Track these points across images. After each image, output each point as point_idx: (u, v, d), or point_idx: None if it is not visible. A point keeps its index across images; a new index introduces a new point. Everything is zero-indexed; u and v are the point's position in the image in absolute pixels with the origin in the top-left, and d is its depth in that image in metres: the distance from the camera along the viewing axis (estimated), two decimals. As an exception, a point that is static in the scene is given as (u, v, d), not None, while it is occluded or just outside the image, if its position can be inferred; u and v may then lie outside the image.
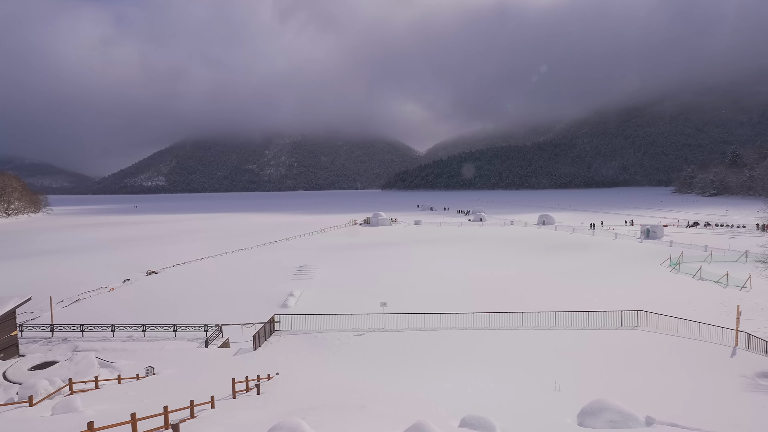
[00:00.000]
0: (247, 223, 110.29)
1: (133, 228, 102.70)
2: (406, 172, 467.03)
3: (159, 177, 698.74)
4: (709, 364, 20.41)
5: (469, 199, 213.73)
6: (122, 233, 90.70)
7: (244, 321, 27.78)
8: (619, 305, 27.69)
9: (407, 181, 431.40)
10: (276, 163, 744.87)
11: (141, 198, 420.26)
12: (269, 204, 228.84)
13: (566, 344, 23.11)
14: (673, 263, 43.24)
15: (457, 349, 22.99)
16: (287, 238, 73.23)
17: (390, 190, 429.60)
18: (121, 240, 77.66)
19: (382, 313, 26.88)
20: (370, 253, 55.75)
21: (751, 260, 41.30)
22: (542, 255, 51.62)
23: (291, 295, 34.55)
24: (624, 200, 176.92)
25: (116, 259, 55.43)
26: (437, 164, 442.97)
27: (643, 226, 68.65)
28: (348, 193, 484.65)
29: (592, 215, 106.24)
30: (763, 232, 62.91)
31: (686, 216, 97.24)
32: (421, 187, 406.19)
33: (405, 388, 17.41)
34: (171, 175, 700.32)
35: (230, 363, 21.51)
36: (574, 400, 14.51)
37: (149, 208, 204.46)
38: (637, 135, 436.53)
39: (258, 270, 46.27)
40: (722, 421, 11.87)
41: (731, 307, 26.92)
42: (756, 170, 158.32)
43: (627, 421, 12.06)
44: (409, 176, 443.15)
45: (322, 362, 21.67)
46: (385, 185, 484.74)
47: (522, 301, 30.49)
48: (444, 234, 76.44)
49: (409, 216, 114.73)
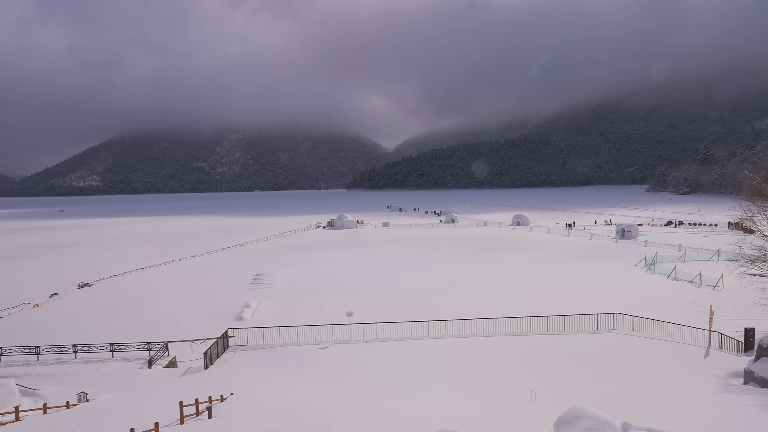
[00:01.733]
0: (196, 227, 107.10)
1: (59, 234, 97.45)
2: (373, 171, 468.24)
3: (93, 176, 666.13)
4: (684, 365, 21.62)
5: (440, 199, 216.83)
6: (47, 241, 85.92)
7: (193, 337, 26.93)
8: (595, 308, 28.84)
9: (374, 180, 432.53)
10: (229, 161, 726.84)
11: (71, 200, 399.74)
12: (222, 206, 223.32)
13: (542, 350, 23.84)
14: (648, 263, 45.53)
15: (429, 359, 23.22)
16: (242, 243, 71.68)
17: (356, 190, 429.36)
18: (45, 249, 73.52)
19: (348, 324, 26.78)
20: (335, 259, 55.47)
21: (723, 259, 44.15)
22: (517, 257, 53.06)
23: (247, 306, 33.84)
24: (599, 199, 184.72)
25: (41, 271, 52.44)
26: (406, 162, 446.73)
27: (619, 225, 71.93)
28: (310, 193, 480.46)
29: (567, 215, 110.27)
30: (735, 231, 67.34)
31: (660, 215, 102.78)
32: (389, 186, 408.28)
33: (374, 404, 17.41)
34: (107, 175, 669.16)
35: (178, 384, 20.79)
36: (550, 409, 14.97)
37: (79, 212, 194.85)
38: (612, 131, 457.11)
39: (209, 280, 45.02)
40: (696, 424, 12.61)
41: (705, 307, 28.62)
42: (726, 168, 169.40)
43: (603, 428, 12.56)
44: (377, 175, 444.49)
45: (282, 379, 21.33)
46: (350, 184, 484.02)
47: (496, 307, 31.19)
48: (414, 236, 77.14)
49: (376, 217, 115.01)
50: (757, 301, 27.73)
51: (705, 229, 76.64)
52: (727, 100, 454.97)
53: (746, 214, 25.97)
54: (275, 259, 55.62)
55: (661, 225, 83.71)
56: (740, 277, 26.80)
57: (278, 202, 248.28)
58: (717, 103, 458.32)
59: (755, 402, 16.37)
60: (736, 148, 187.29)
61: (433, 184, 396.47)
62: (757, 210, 25.13)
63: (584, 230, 78.03)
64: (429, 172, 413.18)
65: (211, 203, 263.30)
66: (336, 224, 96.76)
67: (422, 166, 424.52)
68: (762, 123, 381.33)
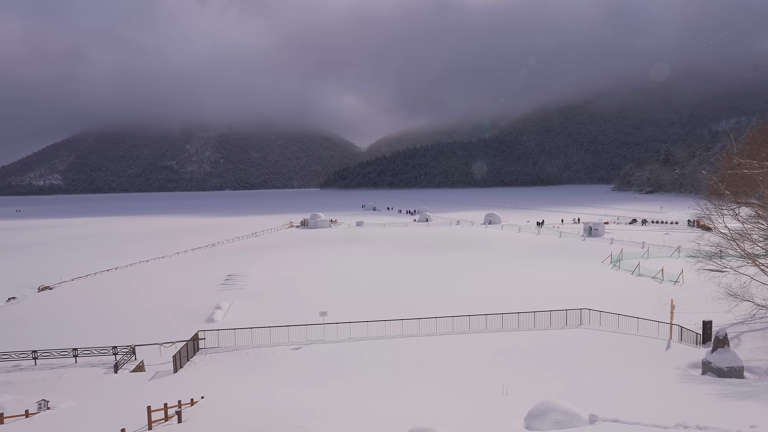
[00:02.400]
0: (165, 227, 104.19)
1: (16, 235, 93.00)
2: (346, 170, 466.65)
3: (54, 175, 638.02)
4: (647, 358, 22.48)
5: (414, 198, 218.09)
6: (2, 242, 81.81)
7: (162, 340, 26.20)
8: (564, 304, 29.64)
9: (348, 180, 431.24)
10: (199, 159, 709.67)
11: (29, 200, 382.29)
12: (192, 205, 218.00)
13: (514, 346, 24.33)
14: (613, 260, 47.12)
15: (403, 357, 23.35)
16: (213, 243, 70.20)
17: (329, 189, 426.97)
18: (1, 250, 70.03)
19: (322, 324, 26.63)
20: (309, 259, 55.03)
21: (683, 255, 46.18)
22: (489, 255, 53.94)
23: (218, 307, 33.18)
24: (568, 198, 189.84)
25: (-2, 274, 49.91)
26: (380, 161, 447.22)
27: (586, 224, 74.11)
28: (283, 192, 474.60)
29: (537, 213, 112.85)
30: (694, 228, 70.49)
31: (625, 213, 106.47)
32: (363, 185, 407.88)
33: (348, 404, 17.38)
34: (69, 173, 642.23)
35: (145, 389, 20.19)
36: (521, 404, 15.30)
37: (38, 212, 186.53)
38: (580, 132, 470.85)
39: (178, 281, 43.90)
40: (658, 413, 13.14)
41: (666, 302, 29.84)
42: (686, 168, 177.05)
43: (572, 421, 12.95)
44: (350, 174, 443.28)
45: (255, 381, 21.02)
46: (324, 184, 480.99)
47: (468, 304, 31.64)
48: (388, 235, 77.33)
49: (350, 217, 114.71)
50: (714, 295, 29.09)
51: (667, 226, 79.89)
52: (687, 103, 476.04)
53: (704, 213, 27.19)
54: (247, 260, 54.72)
55: (626, 223, 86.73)
56: (699, 273, 28.07)
57: (250, 202, 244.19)
58: (677, 106, 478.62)
59: (712, 391, 17.19)
60: (694, 149, 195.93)
61: (407, 183, 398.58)
62: (713, 208, 26.35)
63: (554, 228, 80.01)
64: (402, 171, 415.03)
65: (180, 203, 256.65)
66: (309, 224, 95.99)
67: (396, 165, 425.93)
68: (718, 126, 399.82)
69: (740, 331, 25.11)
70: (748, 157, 24.72)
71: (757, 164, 23.24)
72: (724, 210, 26.12)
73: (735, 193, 25.85)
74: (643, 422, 12.24)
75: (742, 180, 24.69)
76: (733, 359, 19.86)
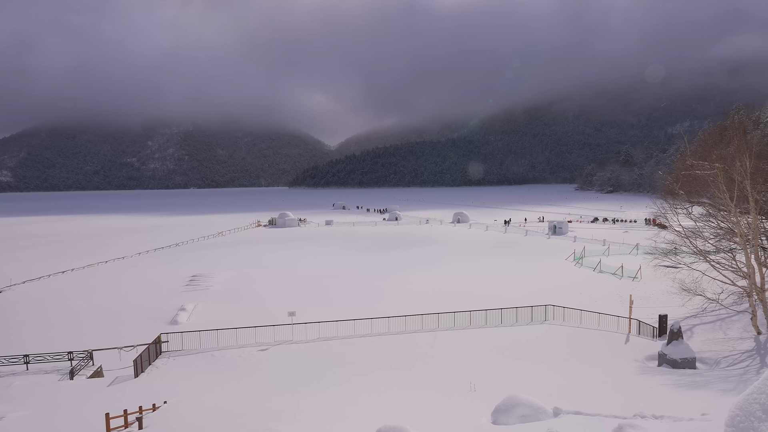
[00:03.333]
0: (125, 226, 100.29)
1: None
2: (315, 168, 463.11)
3: (2, 172, 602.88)
4: (607, 351, 23.36)
5: (384, 197, 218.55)
6: (-51, 243, 76.61)
7: (122, 344, 25.21)
8: (530, 301, 30.41)
9: (317, 178, 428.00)
10: (162, 157, 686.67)
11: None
12: (154, 204, 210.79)
13: (481, 343, 24.77)
14: (576, 258, 48.70)
15: (372, 356, 23.36)
16: (177, 243, 68.11)
17: (298, 188, 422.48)
18: (-54, 252, 65.60)
19: (291, 324, 26.31)
20: (276, 258, 54.24)
21: (641, 252, 48.21)
22: (457, 253, 54.69)
23: (182, 309, 32.22)
24: (533, 197, 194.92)
25: (-60, 277, 46.68)
26: (350, 160, 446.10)
27: (551, 222, 76.28)
28: (250, 191, 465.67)
29: (504, 212, 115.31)
30: (651, 227, 73.74)
31: (588, 212, 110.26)
32: (332, 184, 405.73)
33: (317, 404, 17.24)
34: (20, 170, 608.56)
35: (104, 395, 19.38)
36: (489, 399, 15.60)
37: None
38: (545, 133, 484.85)
39: (140, 282, 42.36)
40: (617, 404, 13.69)
41: (626, 297, 31.07)
42: (644, 169, 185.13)
43: (537, 415, 13.31)
44: (320, 172, 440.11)
45: (221, 384, 20.54)
46: (292, 182, 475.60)
47: (437, 302, 31.98)
48: (357, 234, 77.18)
49: (319, 216, 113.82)
50: (669, 290, 30.49)
51: (626, 225, 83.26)
52: (644, 106, 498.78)
53: (660, 211, 28.46)
54: (213, 260, 53.40)
55: (589, 221, 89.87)
56: (655, 269, 29.37)
57: (216, 200, 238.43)
58: (635, 109, 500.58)
59: (667, 382, 18.05)
60: (652, 151, 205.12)
61: (377, 182, 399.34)
62: (669, 208, 27.62)
63: (520, 227, 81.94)
64: (372, 170, 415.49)
65: (142, 201, 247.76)
66: (278, 223, 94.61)
67: (365, 164, 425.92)
68: (673, 128, 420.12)
69: (693, 324, 26.46)
70: (700, 158, 26.03)
71: (708, 165, 24.50)
72: (678, 209, 27.42)
73: (688, 193, 27.18)
74: (603, 413, 12.70)
75: (694, 180, 25.98)
76: (686, 351, 20.89)
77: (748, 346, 22.21)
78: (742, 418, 4.82)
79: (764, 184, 22.96)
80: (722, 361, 21.31)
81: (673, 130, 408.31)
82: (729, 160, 23.01)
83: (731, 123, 29.66)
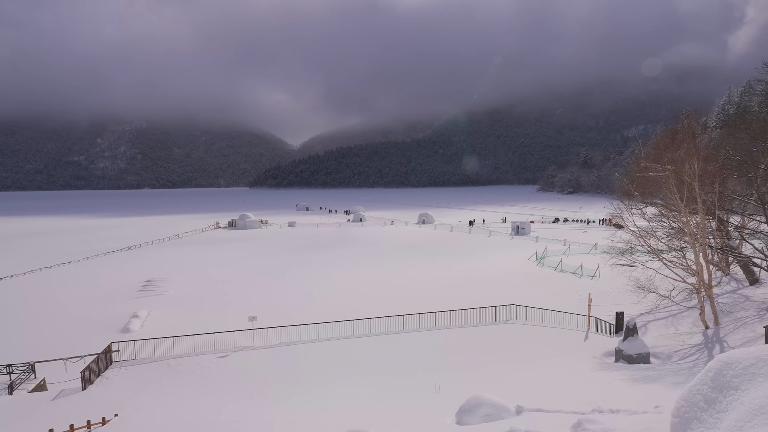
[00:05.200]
0: (72, 228, 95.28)
1: None
2: (278, 168, 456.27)
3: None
4: (568, 348, 24.25)
5: (348, 198, 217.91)
6: None
7: (68, 354, 23.96)
8: (494, 301, 31.13)
9: (280, 178, 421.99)
10: (113, 155, 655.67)
11: None
12: (104, 204, 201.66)
13: (446, 344, 25.13)
14: (538, 257, 50.27)
15: (337, 360, 23.25)
16: (129, 246, 65.39)
17: (260, 188, 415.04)
18: None
19: (251, 329, 25.81)
20: (237, 262, 53.06)
21: (600, 252, 50.29)
22: (422, 254, 55.29)
23: (135, 316, 30.99)
24: (497, 198, 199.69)
25: None
26: (313, 160, 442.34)
27: (514, 223, 78.39)
28: (209, 191, 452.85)
29: (469, 213, 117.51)
30: (608, 226, 77.08)
31: (549, 213, 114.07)
32: (295, 184, 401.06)
33: (280, 411, 16.99)
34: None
35: (48, 410, 18.36)
36: (453, 400, 15.84)
37: None
38: (507, 135, 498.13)
39: (89, 289, 40.40)
40: (576, 400, 14.23)
41: (585, 296, 32.35)
42: (602, 170, 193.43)
43: (500, 413, 13.64)
44: (282, 172, 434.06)
45: (177, 394, 19.90)
46: (253, 182, 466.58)
47: (401, 304, 32.20)
48: (321, 236, 76.63)
49: (282, 217, 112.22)
50: (626, 288, 31.98)
51: (585, 225, 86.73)
52: (602, 110, 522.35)
53: (617, 212, 29.84)
54: (168, 263, 51.61)
55: (550, 222, 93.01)
56: (612, 268, 30.72)
57: (172, 201, 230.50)
58: (593, 113, 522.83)
59: (623, 377, 18.93)
60: (609, 153, 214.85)
61: (341, 182, 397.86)
62: (625, 208, 29.00)
63: (484, 227, 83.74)
64: (336, 170, 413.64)
65: (90, 202, 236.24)
66: (238, 224, 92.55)
67: (329, 164, 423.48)
68: (629, 131, 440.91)
69: (647, 320, 27.87)
70: (654, 161, 27.48)
71: (660, 167, 25.90)
72: (633, 209, 28.83)
73: (643, 194, 28.64)
74: (563, 410, 13.18)
75: (648, 182, 27.40)
76: (641, 346, 21.98)
77: (697, 341, 23.62)
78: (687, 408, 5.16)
79: (711, 185, 24.51)
80: (674, 355, 22.56)
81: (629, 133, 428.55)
82: (679, 162, 24.40)
83: (681, 127, 31.47)
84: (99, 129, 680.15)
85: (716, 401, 4.88)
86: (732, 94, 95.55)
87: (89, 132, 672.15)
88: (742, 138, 28.60)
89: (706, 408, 4.91)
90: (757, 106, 46.62)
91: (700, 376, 5.36)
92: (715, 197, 24.80)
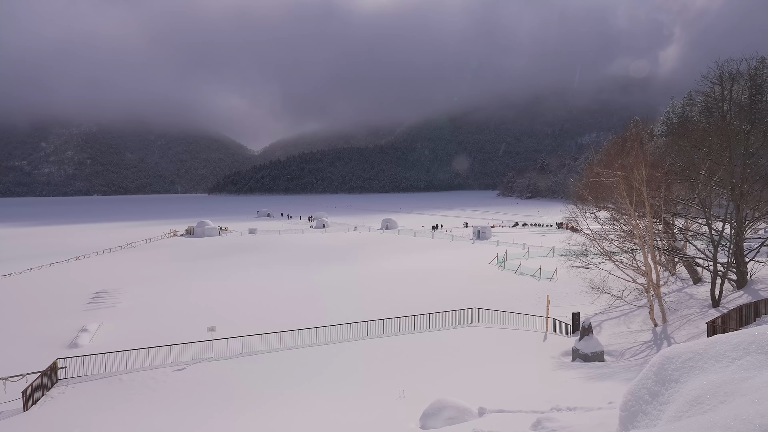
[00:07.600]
0: (12, 236, 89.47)
1: None
2: (238, 174, 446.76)
3: None
4: (528, 349, 24.98)
5: (311, 204, 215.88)
6: None
7: (7, 373, 22.44)
8: (456, 304, 31.64)
9: (240, 184, 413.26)
10: (59, 160, 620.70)
11: None
12: (49, 212, 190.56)
13: (410, 349, 25.31)
14: (499, 261, 51.55)
15: (300, 369, 22.94)
16: (77, 256, 62.07)
17: (219, 195, 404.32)
18: None
19: (210, 340, 25.08)
20: (195, 271, 51.47)
21: (557, 254, 52.14)
22: (386, 259, 55.51)
23: (84, 330, 29.44)
24: (458, 203, 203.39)
25: None
26: (275, 165, 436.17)
27: (475, 227, 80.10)
28: (165, 198, 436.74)
29: (431, 218, 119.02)
30: (564, 230, 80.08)
31: (509, 217, 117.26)
32: (256, 190, 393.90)
33: (241, 425, 16.60)
34: None
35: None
36: (417, 404, 15.98)
37: None
38: (468, 141, 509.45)
39: (31, 302, 38.07)
40: (536, 399, 14.70)
41: (543, 297, 33.44)
42: (558, 176, 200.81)
43: (463, 416, 13.89)
44: (242, 178, 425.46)
45: (130, 411, 19.05)
46: (212, 188, 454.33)
47: (367, 310, 32.19)
48: (282, 242, 75.52)
49: (242, 224, 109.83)
50: (581, 289, 33.29)
51: (543, 229, 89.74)
52: (557, 117, 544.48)
53: (572, 216, 31.11)
54: (121, 274, 49.39)
55: (510, 226, 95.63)
56: (569, 270, 31.97)
57: (125, 208, 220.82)
58: (549, 121, 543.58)
59: (580, 375, 19.70)
60: (564, 159, 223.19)
61: (303, 188, 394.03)
62: (579, 212, 30.30)
63: (446, 232, 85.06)
64: (299, 176, 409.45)
65: (33, 209, 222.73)
66: (196, 232, 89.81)
67: (291, 170, 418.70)
68: (583, 139, 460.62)
69: (601, 320, 29.13)
70: (605, 167, 28.91)
71: (611, 173, 27.27)
72: (587, 213, 30.17)
73: (596, 199, 30.05)
74: (524, 409, 13.57)
75: (601, 187, 28.78)
76: (596, 345, 22.94)
77: (647, 338, 24.90)
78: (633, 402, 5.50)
79: (657, 190, 26.01)
80: (626, 353, 23.68)
81: (582, 141, 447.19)
82: (629, 168, 25.77)
83: (630, 135, 33.28)
84: (42, 132, 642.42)
85: (659, 394, 5.22)
86: (675, 104, 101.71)
87: (31, 135, 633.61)
88: (685, 146, 30.52)
89: (650, 401, 5.25)
90: (698, 116, 49.92)
91: (645, 371, 5.71)
92: (661, 201, 26.34)
